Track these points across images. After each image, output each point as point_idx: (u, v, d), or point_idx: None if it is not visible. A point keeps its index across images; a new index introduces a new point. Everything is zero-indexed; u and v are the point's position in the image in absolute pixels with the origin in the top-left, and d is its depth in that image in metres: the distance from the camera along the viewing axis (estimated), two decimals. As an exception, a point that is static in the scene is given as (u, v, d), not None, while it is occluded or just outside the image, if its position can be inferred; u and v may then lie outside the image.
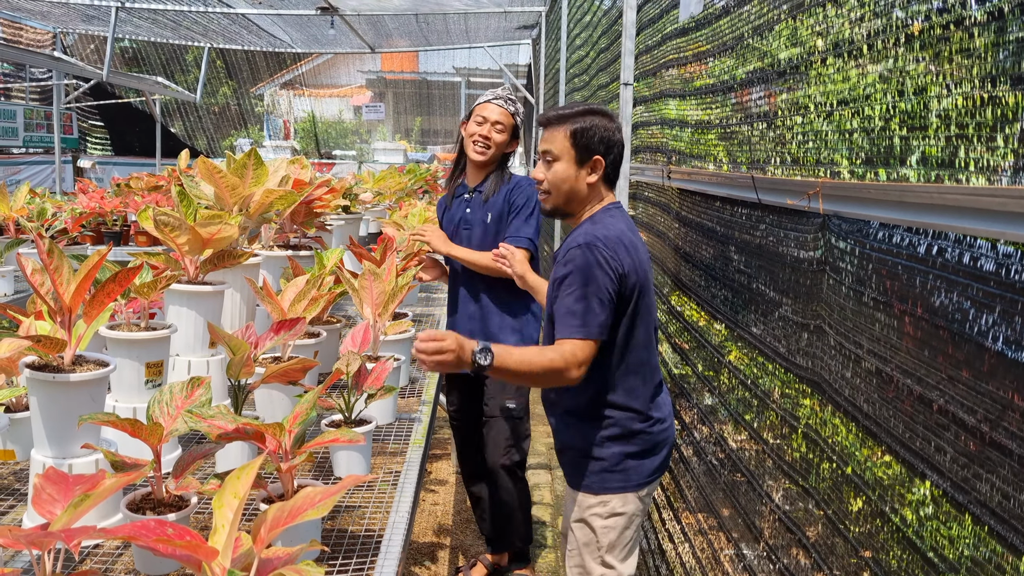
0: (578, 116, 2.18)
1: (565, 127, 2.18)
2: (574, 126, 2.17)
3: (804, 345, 1.50)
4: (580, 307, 2.06)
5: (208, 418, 1.66)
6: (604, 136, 2.18)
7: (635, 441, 2.19)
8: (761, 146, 1.82)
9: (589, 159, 2.19)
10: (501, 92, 3.40)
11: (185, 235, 2.40)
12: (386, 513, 1.93)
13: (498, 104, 3.34)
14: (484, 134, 3.31)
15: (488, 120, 3.32)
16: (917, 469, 1.07)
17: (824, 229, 1.43)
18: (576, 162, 2.19)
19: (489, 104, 3.35)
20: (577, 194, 2.23)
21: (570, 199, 2.24)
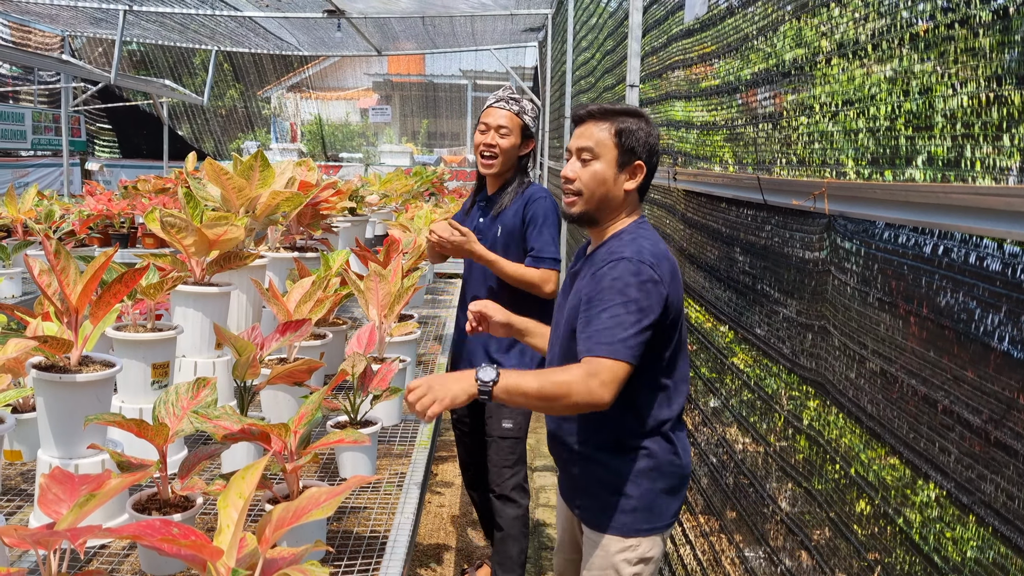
0: (624, 115, 1.99)
1: (610, 124, 1.98)
2: (620, 124, 1.98)
3: (808, 346, 1.49)
4: (614, 324, 1.82)
5: (214, 419, 1.66)
6: (648, 142, 1.99)
7: (667, 475, 1.98)
8: (767, 147, 1.82)
9: (631, 163, 1.98)
10: (502, 93, 3.18)
11: (191, 236, 2.41)
12: (391, 514, 1.94)
13: (500, 106, 3.11)
14: (488, 142, 3.09)
15: (491, 126, 3.10)
16: (921, 470, 1.07)
17: (829, 230, 1.42)
18: (617, 164, 1.98)
19: (491, 108, 3.14)
20: (611, 200, 2.01)
21: (603, 205, 2.01)
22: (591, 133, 2.00)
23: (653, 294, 1.85)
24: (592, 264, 1.99)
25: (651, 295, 1.84)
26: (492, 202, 3.22)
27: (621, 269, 1.87)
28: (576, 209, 2.03)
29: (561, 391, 1.80)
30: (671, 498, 2.00)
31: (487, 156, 3.10)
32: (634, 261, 1.87)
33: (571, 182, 2.02)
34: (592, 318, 1.87)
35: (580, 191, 2.00)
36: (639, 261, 1.87)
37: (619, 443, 1.99)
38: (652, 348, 1.87)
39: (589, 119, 2.02)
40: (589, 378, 1.80)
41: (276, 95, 21.14)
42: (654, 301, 1.85)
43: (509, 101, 3.13)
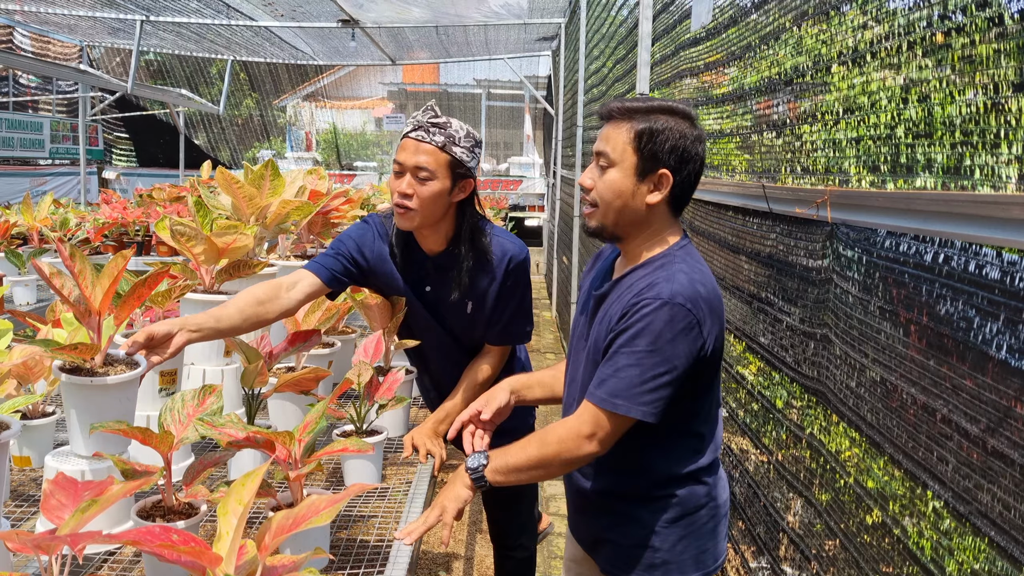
0: (648, 113, 1.68)
1: (629, 125, 1.68)
2: (640, 125, 1.67)
3: (811, 355, 1.49)
4: (633, 375, 1.60)
5: (219, 426, 1.67)
6: (678, 145, 1.66)
7: (702, 521, 1.76)
8: (771, 155, 1.81)
9: (653, 172, 1.67)
10: (422, 117, 2.23)
11: (201, 245, 2.43)
12: (396, 523, 1.94)
13: (417, 137, 2.19)
14: (402, 191, 2.20)
15: (405, 167, 2.20)
16: (920, 479, 1.06)
17: (832, 238, 1.42)
18: (636, 172, 1.68)
19: (407, 139, 2.22)
20: (631, 214, 1.71)
21: (621, 220, 1.72)
22: (610, 136, 1.71)
23: (684, 343, 1.59)
24: (622, 291, 1.73)
25: (681, 345, 1.59)
26: (441, 268, 2.35)
27: (653, 313, 1.60)
28: (592, 223, 1.76)
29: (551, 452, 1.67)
30: (711, 541, 1.77)
31: (401, 208, 2.21)
32: (670, 306, 1.59)
33: (587, 191, 1.76)
34: (610, 359, 1.65)
35: (595, 203, 1.73)
36: (676, 304, 1.59)
37: (646, 494, 1.76)
38: (684, 395, 1.64)
39: (611, 119, 1.73)
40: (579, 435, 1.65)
41: (292, 104, 21.31)
42: (684, 351, 1.59)
43: (430, 129, 2.20)
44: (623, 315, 1.66)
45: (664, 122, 1.67)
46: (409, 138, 2.21)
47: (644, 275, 1.70)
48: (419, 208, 2.20)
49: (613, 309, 1.72)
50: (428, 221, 2.25)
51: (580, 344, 1.86)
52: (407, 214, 2.21)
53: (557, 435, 1.68)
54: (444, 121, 2.22)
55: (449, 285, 2.32)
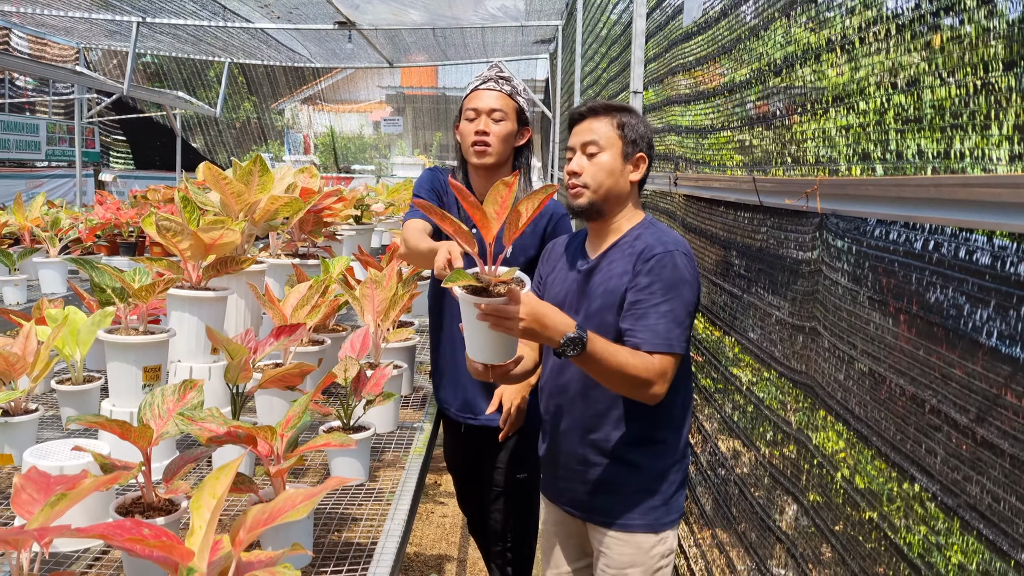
0: (620, 110, 2.04)
1: (611, 118, 2.02)
2: (621, 118, 2.02)
3: (799, 348, 1.46)
4: (669, 320, 1.86)
5: (199, 421, 1.64)
6: (646, 135, 2.05)
7: (682, 466, 2.04)
8: (761, 147, 1.79)
9: (634, 154, 2.02)
10: (490, 72, 2.63)
11: (187, 240, 2.40)
12: (381, 521, 1.91)
13: (489, 87, 2.58)
14: (480, 130, 2.54)
15: (480, 111, 2.56)
16: (907, 472, 1.03)
17: (822, 228, 1.39)
18: (623, 155, 2.01)
19: (478, 91, 2.59)
20: (618, 192, 2.03)
21: (609, 196, 2.02)
22: (593, 128, 2.02)
23: (695, 286, 1.91)
24: (615, 257, 2.00)
25: (693, 287, 1.90)
26: None
27: (669, 262, 1.89)
28: (583, 200, 2.02)
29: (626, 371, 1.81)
30: (682, 489, 2.05)
31: (480, 146, 2.55)
32: (678, 254, 1.90)
33: (577, 175, 2.03)
34: (645, 313, 1.88)
35: (587, 184, 2.01)
36: (683, 254, 1.91)
37: (647, 437, 2.00)
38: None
39: (590, 115, 2.05)
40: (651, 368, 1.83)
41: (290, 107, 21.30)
42: (696, 293, 1.91)
43: (499, 80, 2.60)
44: (635, 272, 1.92)
45: (631, 117, 2.04)
46: (480, 89, 2.60)
47: (633, 239, 2.00)
48: (495, 144, 2.56)
49: (614, 271, 1.98)
50: (500, 159, 2.60)
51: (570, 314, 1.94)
52: (485, 150, 2.56)
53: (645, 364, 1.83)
54: (509, 75, 2.64)
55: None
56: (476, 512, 3.06)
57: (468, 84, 2.70)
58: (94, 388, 2.35)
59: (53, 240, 4.49)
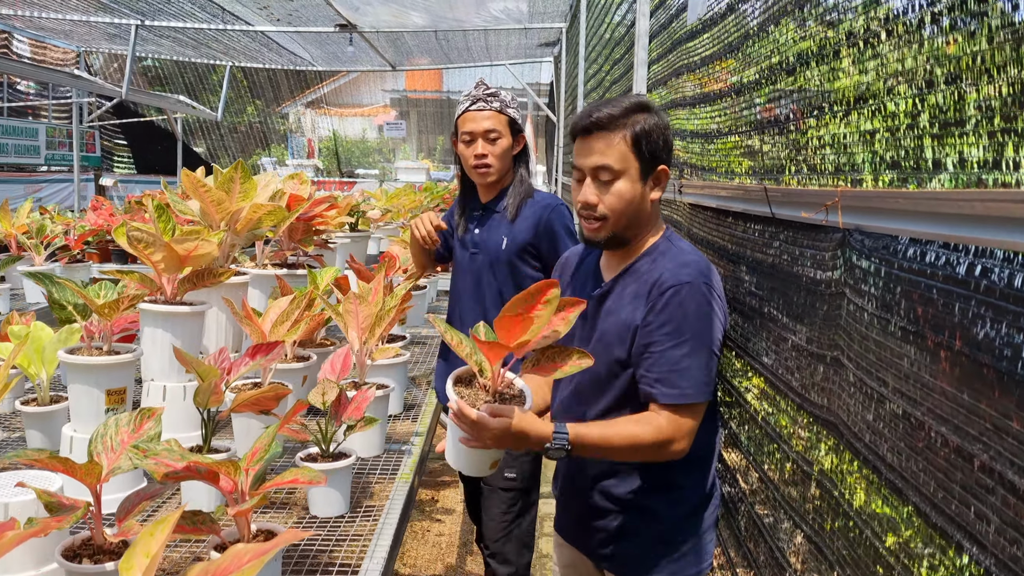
0: (628, 116, 1.72)
1: (623, 132, 1.71)
2: (635, 128, 1.71)
3: (820, 380, 1.30)
4: (690, 363, 1.64)
5: (154, 455, 1.49)
6: (667, 139, 1.76)
7: (711, 510, 1.83)
8: (773, 154, 1.63)
9: (654, 170, 1.75)
10: (476, 91, 2.73)
11: (160, 252, 2.26)
12: (361, 557, 1.75)
13: (480, 108, 2.69)
14: (479, 153, 2.68)
15: (476, 134, 2.69)
16: (952, 538, 0.88)
17: (844, 246, 1.23)
18: (641, 176, 1.74)
19: (470, 113, 2.70)
20: (640, 218, 1.77)
21: (631, 225, 1.77)
22: (604, 147, 1.73)
23: (719, 319, 1.70)
24: (629, 284, 1.78)
25: (717, 321, 1.69)
26: (491, 210, 2.80)
27: (687, 297, 1.67)
28: (604, 234, 1.78)
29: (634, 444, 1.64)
30: (708, 536, 1.84)
31: (482, 168, 2.70)
32: (698, 286, 1.68)
33: (592, 207, 1.76)
34: (661, 358, 1.67)
35: (606, 216, 1.75)
36: (704, 284, 1.69)
37: (665, 482, 1.78)
38: None
39: (600, 129, 1.74)
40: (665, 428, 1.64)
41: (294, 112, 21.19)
42: (720, 326, 1.71)
43: (488, 99, 2.71)
44: (649, 306, 1.71)
45: (647, 120, 1.74)
46: (471, 111, 2.70)
47: (650, 263, 1.78)
48: (495, 163, 2.70)
49: (625, 300, 1.77)
50: (502, 172, 2.75)
51: (581, 344, 1.83)
52: (488, 171, 2.71)
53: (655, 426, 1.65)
54: (495, 90, 2.75)
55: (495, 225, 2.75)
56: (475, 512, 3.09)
57: (459, 104, 2.80)
58: (61, 409, 2.21)
59: (38, 248, 4.36)
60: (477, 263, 2.79)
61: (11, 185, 10.41)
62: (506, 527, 2.77)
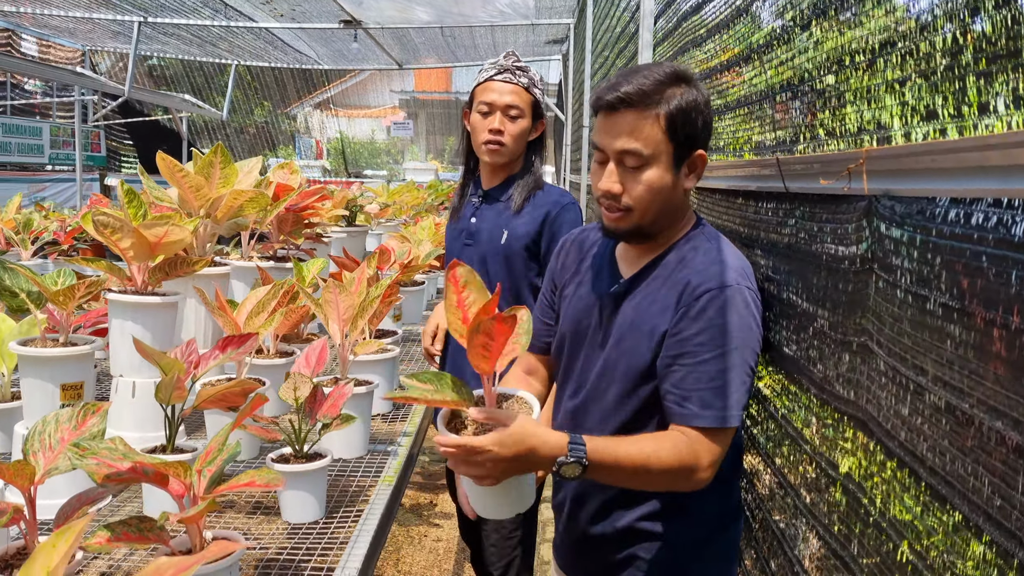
0: (663, 89, 1.45)
1: (654, 111, 1.45)
2: (670, 106, 1.45)
3: (846, 370, 1.14)
4: (727, 379, 1.41)
5: (94, 454, 1.33)
6: (707, 118, 1.50)
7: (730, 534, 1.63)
8: (787, 122, 1.47)
9: (690, 155, 1.50)
10: (505, 61, 2.43)
11: (128, 238, 2.11)
12: (333, 566, 1.59)
13: (505, 80, 2.39)
14: (495, 128, 2.38)
15: (496, 106, 2.39)
16: (1012, 557, 0.71)
17: (870, 215, 1.07)
18: (673, 163, 1.48)
19: (492, 82, 2.41)
20: (671, 208, 1.53)
21: (660, 217, 1.52)
22: (633, 128, 1.46)
23: (757, 327, 1.46)
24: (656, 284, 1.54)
25: (755, 329, 1.45)
26: (492, 198, 2.53)
27: (728, 303, 1.43)
28: (625, 226, 1.53)
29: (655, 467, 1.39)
30: (731, 564, 1.63)
31: (493, 144, 2.40)
32: (739, 290, 1.44)
33: (615, 197, 1.50)
34: (694, 369, 1.43)
35: (631, 207, 1.50)
36: (747, 289, 1.45)
37: (678, 505, 1.55)
38: None
39: (623, 108, 1.46)
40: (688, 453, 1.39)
41: (302, 113, 21.13)
42: (758, 334, 1.46)
43: (516, 72, 2.41)
44: (680, 313, 1.46)
45: (684, 95, 1.46)
46: (495, 80, 2.41)
47: (678, 260, 1.54)
48: (510, 143, 2.41)
49: (651, 303, 1.53)
50: (514, 156, 2.47)
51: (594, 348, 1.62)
52: (500, 150, 2.42)
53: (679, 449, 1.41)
54: (525, 65, 2.45)
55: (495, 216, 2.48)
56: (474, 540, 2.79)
57: (481, 71, 2.49)
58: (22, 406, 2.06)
59: (25, 243, 4.23)
60: (469, 256, 2.51)
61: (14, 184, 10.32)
62: (509, 552, 2.57)
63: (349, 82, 21.60)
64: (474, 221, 2.54)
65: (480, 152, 2.47)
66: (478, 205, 2.56)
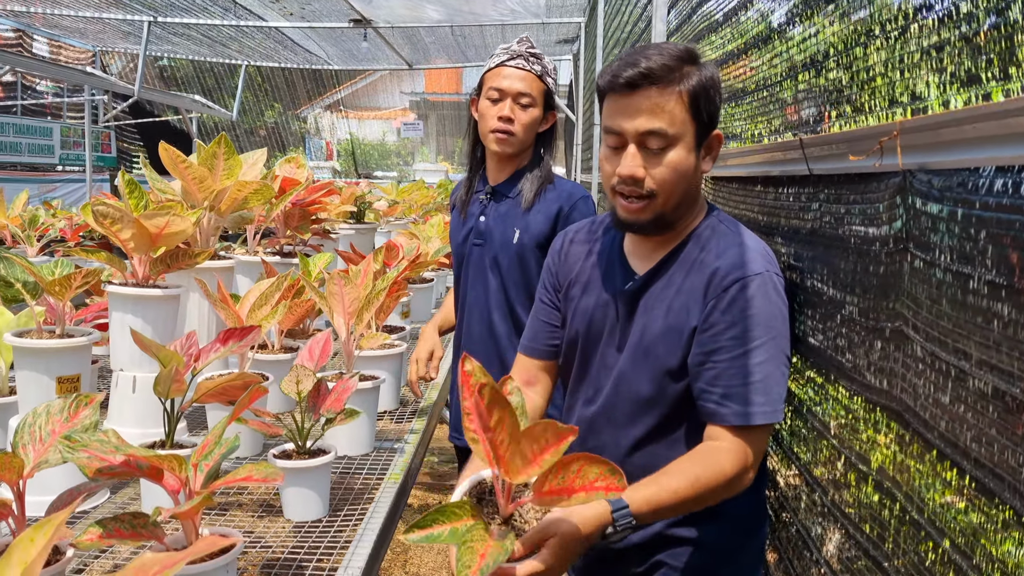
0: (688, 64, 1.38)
1: (678, 87, 1.37)
2: (692, 83, 1.37)
3: (878, 358, 1.07)
4: (766, 373, 1.33)
5: (85, 447, 1.28)
6: (721, 97, 1.45)
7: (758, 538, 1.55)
8: (811, 99, 1.40)
9: (708, 136, 1.43)
10: (519, 47, 2.30)
11: (129, 229, 2.05)
12: (335, 566, 1.53)
13: (517, 66, 2.26)
14: (505, 116, 2.25)
15: (507, 93, 2.25)
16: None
17: (904, 192, 1.00)
18: (696, 142, 1.41)
19: (503, 68, 2.27)
20: (692, 193, 1.46)
21: (681, 204, 1.44)
22: (656, 107, 1.37)
23: (786, 315, 1.38)
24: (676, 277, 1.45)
25: (787, 317, 1.38)
26: (501, 195, 2.38)
27: (757, 291, 1.35)
28: (648, 216, 1.43)
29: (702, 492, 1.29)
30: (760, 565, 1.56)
31: (503, 133, 2.26)
32: (768, 277, 1.36)
33: (638, 183, 1.40)
34: (731, 365, 1.35)
35: (655, 193, 1.40)
36: (776, 275, 1.38)
37: (714, 511, 1.43)
38: None
39: (646, 84, 1.37)
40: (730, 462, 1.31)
41: (312, 115, 21.13)
42: (789, 322, 1.39)
43: (529, 58, 2.28)
44: (709, 306, 1.38)
45: (703, 71, 1.39)
46: (507, 66, 2.28)
47: (698, 249, 1.45)
48: (520, 133, 2.28)
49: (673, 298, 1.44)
50: (523, 147, 2.33)
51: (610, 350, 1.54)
52: (508, 139, 2.28)
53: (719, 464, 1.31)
54: (540, 52, 2.32)
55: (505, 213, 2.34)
56: None
57: (492, 56, 2.36)
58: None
59: (31, 239, 4.19)
60: (479, 256, 2.38)
61: (25, 185, 10.33)
62: None
63: (359, 84, 21.60)
64: (483, 220, 2.39)
65: (487, 140, 2.33)
66: (486, 202, 2.42)
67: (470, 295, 2.41)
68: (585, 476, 1.07)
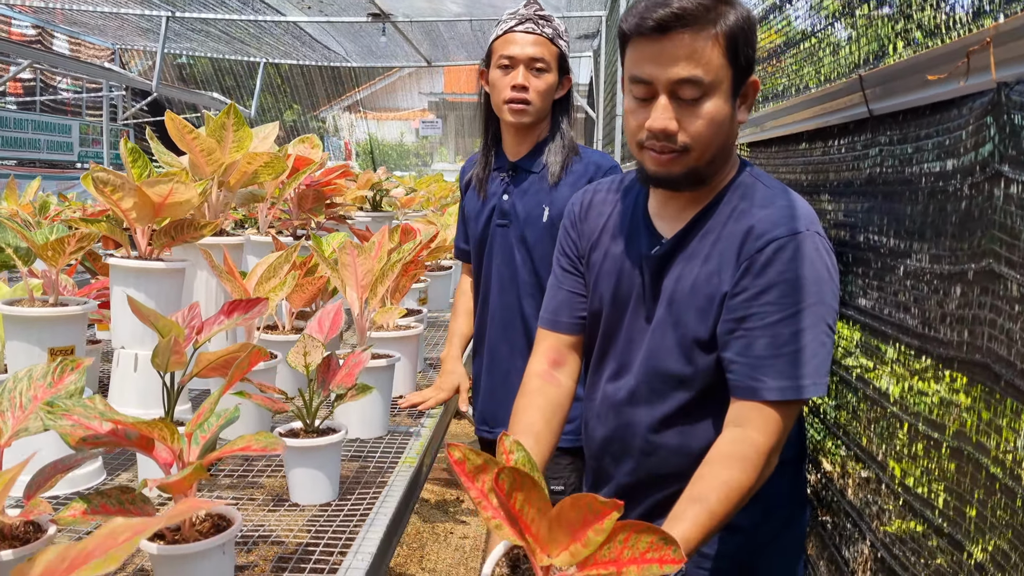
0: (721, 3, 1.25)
1: (713, 29, 1.24)
2: (728, 24, 1.24)
3: (955, 307, 0.93)
4: (804, 342, 1.21)
5: (66, 413, 1.16)
6: (756, 39, 1.32)
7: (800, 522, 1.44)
8: (871, 33, 1.27)
9: (744, 83, 1.30)
10: (527, 10, 2.16)
11: (131, 198, 1.95)
12: (343, 552, 1.41)
13: (527, 30, 2.13)
14: (519, 84, 2.10)
15: (518, 59, 2.11)
16: None
17: (995, 111, 0.86)
18: (732, 90, 1.28)
19: (513, 34, 2.14)
20: (727, 148, 1.34)
21: (717, 157, 1.31)
22: (692, 50, 1.23)
23: (832, 279, 1.25)
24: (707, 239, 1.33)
25: (831, 281, 1.24)
26: (523, 170, 2.23)
27: (797, 252, 1.23)
28: (679, 169, 1.30)
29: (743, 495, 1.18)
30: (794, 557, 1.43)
31: (518, 104, 2.12)
32: (809, 236, 1.24)
33: (670, 136, 1.27)
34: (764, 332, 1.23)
35: (689, 145, 1.27)
36: (818, 235, 1.24)
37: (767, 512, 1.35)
38: None
39: (679, 27, 1.23)
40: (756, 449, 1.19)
41: (331, 115, 21.12)
42: (834, 287, 1.25)
43: (539, 21, 2.15)
44: (743, 268, 1.26)
45: (738, 11, 1.26)
46: (516, 31, 2.15)
47: (730, 209, 1.33)
48: (536, 101, 2.14)
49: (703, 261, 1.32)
50: (540, 116, 2.19)
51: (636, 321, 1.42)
52: (525, 108, 2.14)
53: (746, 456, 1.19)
54: (549, 14, 2.20)
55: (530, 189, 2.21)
56: None
57: (499, 23, 2.23)
58: (14, 377, 1.91)
59: (41, 226, 4.11)
60: (504, 236, 2.23)
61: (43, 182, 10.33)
62: None
63: (378, 85, 21.57)
64: (506, 198, 2.24)
65: (501, 112, 2.18)
66: (508, 180, 2.26)
67: (494, 279, 2.27)
68: (635, 547, 0.94)
